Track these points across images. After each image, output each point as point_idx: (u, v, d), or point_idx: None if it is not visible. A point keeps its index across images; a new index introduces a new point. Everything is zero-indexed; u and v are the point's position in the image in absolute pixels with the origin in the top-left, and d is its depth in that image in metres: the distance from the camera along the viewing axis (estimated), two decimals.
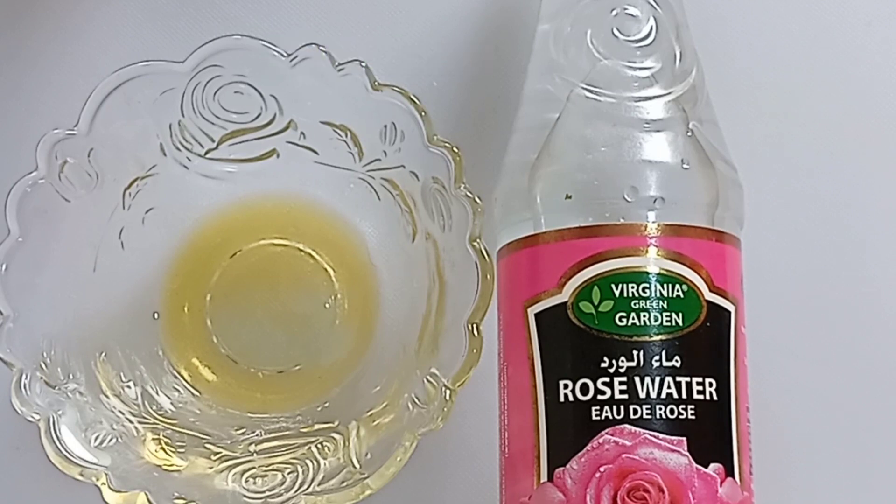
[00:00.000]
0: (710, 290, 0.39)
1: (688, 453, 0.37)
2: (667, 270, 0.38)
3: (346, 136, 0.45)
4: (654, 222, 0.39)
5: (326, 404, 0.46)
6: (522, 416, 0.39)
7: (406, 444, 0.41)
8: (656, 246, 0.38)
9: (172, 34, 0.49)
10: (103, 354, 0.44)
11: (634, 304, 0.38)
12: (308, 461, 0.42)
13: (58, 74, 0.49)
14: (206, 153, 0.45)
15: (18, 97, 0.49)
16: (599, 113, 0.40)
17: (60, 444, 0.41)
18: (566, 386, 0.38)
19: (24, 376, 0.41)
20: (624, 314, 0.38)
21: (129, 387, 0.44)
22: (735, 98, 0.48)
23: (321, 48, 0.43)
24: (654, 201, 0.39)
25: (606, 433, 0.37)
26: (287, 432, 0.44)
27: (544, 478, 0.38)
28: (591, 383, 0.38)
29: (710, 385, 0.38)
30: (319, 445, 0.43)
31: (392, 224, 0.45)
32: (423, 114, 0.42)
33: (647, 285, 0.38)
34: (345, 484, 0.41)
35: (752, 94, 0.49)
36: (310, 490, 0.41)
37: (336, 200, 0.46)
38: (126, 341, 0.45)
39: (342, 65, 0.43)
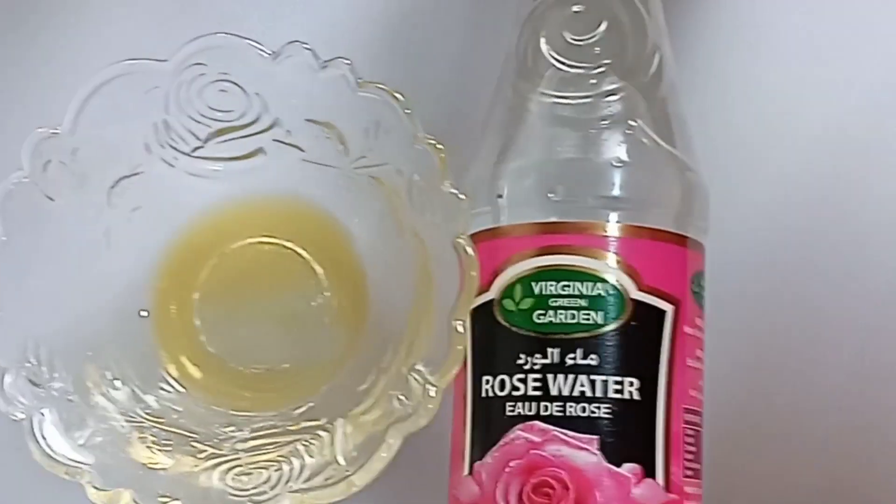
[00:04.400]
0: (639, 289, 0.39)
1: (598, 452, 0.38)
2: (587, 268, 0.38)
3: (332, 133, 0.45)
4: (580, 220, 0.39)
5: (313, 402, 0.46)
6: (457, 411, 0.41)
7: (391, 441, 0.41)
8: (580, 244, 0.39)
9: (172, 34, 0.49)
10: (90, 353, 0.44)
11: (552, 302, 0.38)
12: (294, 458, 0.42)
13: (56, 74, 0.49)
14: (192, 151, 0.45)
15: (15, 96, 0.49)
16: (541, 111, 0.40)
17: (45, 443, 0.41)
18: (487, 381, 0.39)
19: (8, 375, 0.41)
20: (542, 312, 0.38)
21: (115, 385, 0.44)
22: (732, 98, 0.48)
23: (305, 46, 0.43)
24: (585, 199, 0.39)
25: (518, 429, 0.38)
26: (273, 430, 0.44)
27: (466, 471, 0.40)
28: (507, 379, 0.39)
29: (632, 385, 0.38)
30: (305, 443, 0.43)
31: (379, 221, 0.45)
32: (407, 111, 0.42)
33: (566, 283, 0.38)
34: (330, 481, 0.41)
35: (749, 94, 0.49)
36: (295, 487, 0.41)
37: (323, 198, 0.46)
38: (113, 340, 0.45)
39: (326, 62, 0.43)
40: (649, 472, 0.38)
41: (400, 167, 0.44)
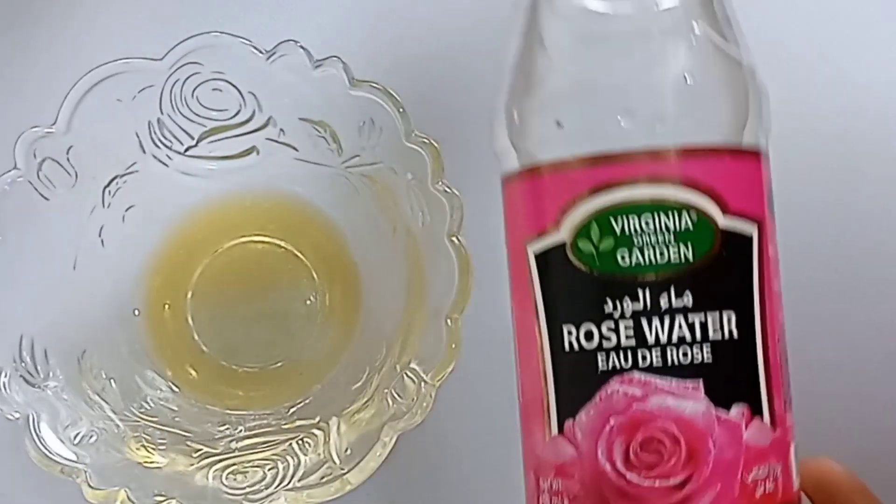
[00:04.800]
0: (726, 215, 0.34)
1: (705, 398, 0.34)
2: (672, 199, 0.34)
3: (325, 132, 0.45)
4: (655, 146, 0.34)
5: (307, 400, 0.46)
6: (530, 364, 0.36)
7: (385, 440, 0.41)
8: (659, 172, 0.34)
9: (168, 33, 0.49)
10: (84, 352, 0.44)
11: (637, 240, 0.34)
12: (288, 457, 0.42)
13: (50, 73, 0.49)
14: (186, 150, 0.45)
15: (10, 95, 0.49)
16: (591, 28, 0.35)
17: (40, 442, 0.41)
18: (570, 333, 0.34)
19: (3, 374, 0.41)
20: (626, 251, 0.34)
21: (109, 384, 0.44)
22: None
23: (299, 45, 0.43)
24: (655, 123, 0.34)
25: (615, 382, 0.34)
26: (268, 429, 0.44)
27: (555, 430, 0.35)
28: (595, 329, 0.34)
29: (730, 321, 0.34)
30: (300, 441, 0.43)
31: (372, 220, 0.45)
32: (400, 110, 0.42)
33: (649, 218, 0.34)
34: (325, 479, 0.41)
35: None
36: (290, 486, 0.41)
37: (316, 197, 0.47)
38: (107, 339, 0.45)
39: (320, 61, 0.43)
40: (756, 411, 0.35)
41: (393, 166, 0.44)
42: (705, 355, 0.34)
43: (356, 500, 0.42)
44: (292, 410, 0.45)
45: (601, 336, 0.34)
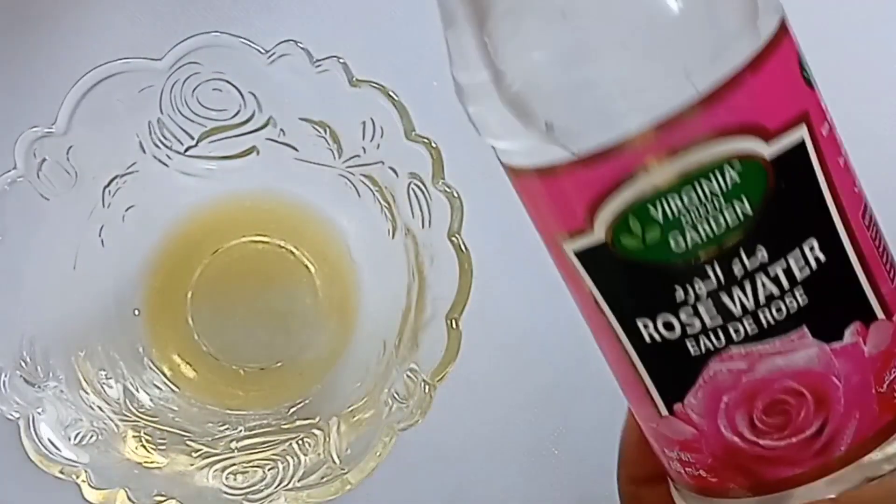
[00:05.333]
0: (770, 140, 0.29)
1: (813, 341, 0.30)
2: (707, 160, 0.29)
3: (325, 132, 0.45)
4: (663, 114, 0.28)
5: (307, 400, 0.46)
6: (614, 353, 0.32)
7: (385, 440, 0.41)
8: (681, 139, 0.28)
9: (170, 33, 0.49)
10: (84, 352, 0.44)
11: (685, 219, 0.29)
12: (288, 457, 0.43)
13: (50, 73, 0.49)
14: (186, 150, 0.45)
15: (9, 95, 0.49)
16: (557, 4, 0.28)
17: (40, 442, 0.41)
18: (646, 326, 0.31)
19: (3, 374, 0.41)
20: (678, 235, 0.29)
21: (109, 384, 0.44)
22: None
23: (299, 44, 0.43)
24: (651, 90, 0.29)
25: (714, 364, 0.30)
26: (268, 429, 0.45)
27: (664, 412, 0.32)
28: (673, 319, 0.30)
29: (813, 249, 0.30)
30: (300, 441, 0.43)
31: (372, 220, 0.45)
32: (401, 110, 0.42)
33: (689, 191, 0.29)
34: (325, 479, 0.41)
35: None
36: (290, 486, 0.41)
37: (316, 197, 0.47)
38: (107, 339, 0.45)
39: (320, 61, 0.43)
40: (868, 317, 0.31)
41: (393, 165, 0.44)
42: (800, 299, 0.30)
43: (356, 500, 0.42)
44: (292, 410, 0.45)
45: (682, 324, 0.30)
